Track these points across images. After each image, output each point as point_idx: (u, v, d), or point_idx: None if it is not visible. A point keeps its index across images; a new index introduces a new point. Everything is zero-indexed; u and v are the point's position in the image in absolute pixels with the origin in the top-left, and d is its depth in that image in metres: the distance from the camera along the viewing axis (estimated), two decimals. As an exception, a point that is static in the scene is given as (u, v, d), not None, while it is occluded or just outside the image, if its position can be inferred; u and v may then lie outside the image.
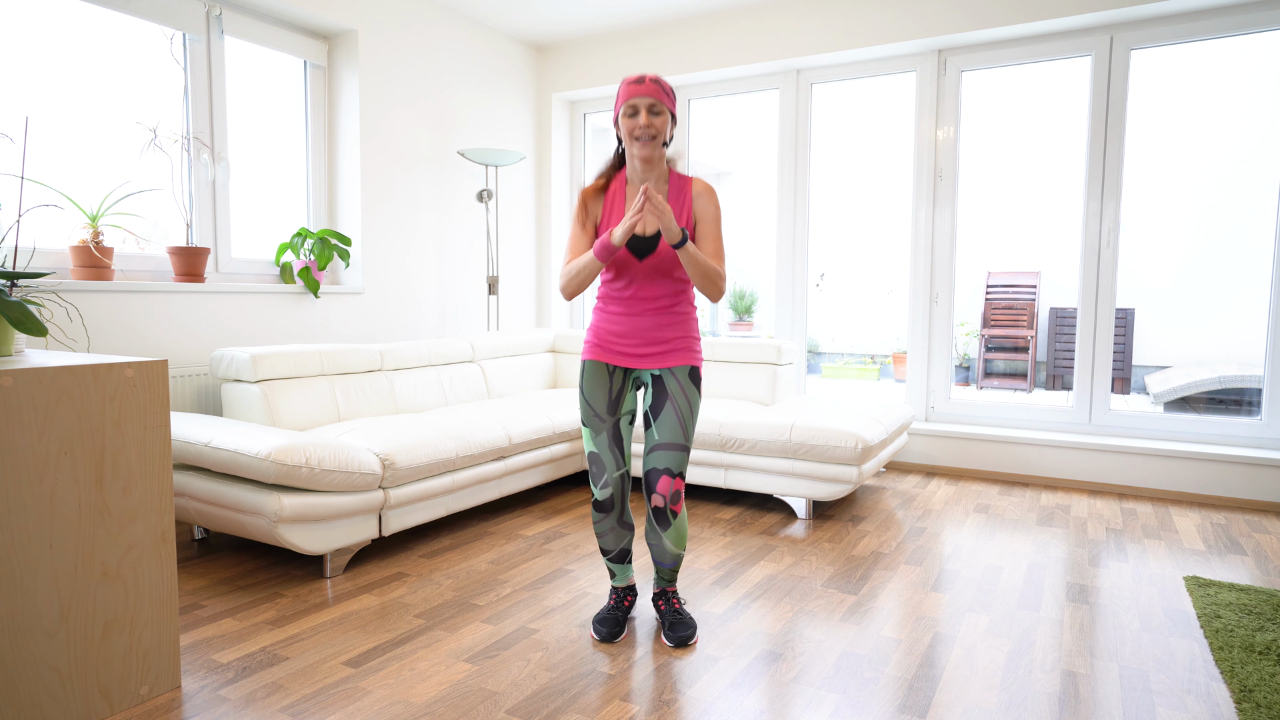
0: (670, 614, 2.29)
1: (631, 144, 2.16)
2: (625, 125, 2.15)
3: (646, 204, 1.99)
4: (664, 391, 2.23)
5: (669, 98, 2.16)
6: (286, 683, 1.98)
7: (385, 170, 4.20)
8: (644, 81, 2.13)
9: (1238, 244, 7.07)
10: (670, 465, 2.18)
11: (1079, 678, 2.04)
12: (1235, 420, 3.88)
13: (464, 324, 4.78)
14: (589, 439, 2.24)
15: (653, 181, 2.23)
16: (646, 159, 2.16)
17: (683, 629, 2.23)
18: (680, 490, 2.19)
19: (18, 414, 1.64)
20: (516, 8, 4.56)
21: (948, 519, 3.45)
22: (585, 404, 2.24)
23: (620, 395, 2.25)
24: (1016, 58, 4.13)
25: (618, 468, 2.22)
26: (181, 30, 3.42)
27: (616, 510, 2.25)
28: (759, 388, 4.12)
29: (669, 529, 2.21)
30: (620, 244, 2.05)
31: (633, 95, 2.13)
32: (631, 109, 2.14)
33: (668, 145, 2.23)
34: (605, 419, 2.23)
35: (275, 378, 3.16)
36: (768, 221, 9.85)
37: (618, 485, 2.23)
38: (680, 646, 2.21)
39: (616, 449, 2.23)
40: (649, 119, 2.12)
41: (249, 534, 2.62)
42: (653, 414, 2.24)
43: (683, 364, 2.24)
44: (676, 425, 2.20)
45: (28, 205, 2.92)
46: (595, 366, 2.25)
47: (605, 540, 2.29)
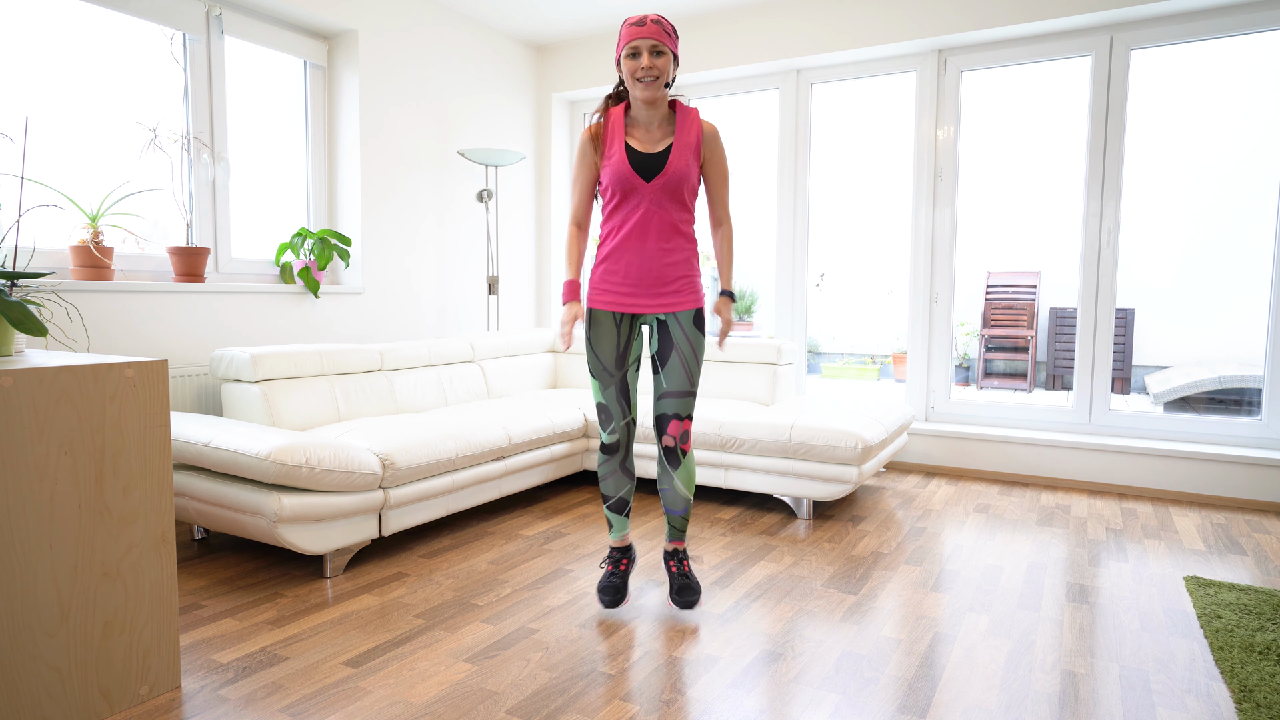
0: (679, 577, 2.40)
1: (634, 85, 2.16)
2: (627, 67, 2.16)
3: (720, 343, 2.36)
4: (669, 340, 2.29)
5: (671, 38, 2.16)
6: (286, 683, 1.98)
7: (385, 170, 4.20)
8: (645, 23, 2.13)
9: (1238, 244, 7.07)
10: (678, 410, 2.30)
11: (1079, 678, 2.04)
12: (1235, 420, 3.88)
13: (464, 324, 4.78)
14: (597, 390, 2.34)
15: (657, 121, 2.27)
16: (649, 100, 2.18)
17: (689, 593, 2.34)
18: (688, 430, 2.32)
19: (18, 414, 1.64)
20: (516, 8, 4.56)
21: (948, 519, 3.45)
22: (593, 356, 2.30)
23: (628, 345, 2.32)
24: (1016, 58, 4.13)
25: (624, 416, 2.34)
26: (181, 30, 3.42)
27: (621, 453, 2.37)
28: (759, 388, 4.12)
29: (679, 468, 2.33)
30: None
31: (634, 37, 2.13)
32: (633, 50, 2.14)
33: (670, 85, 2.23)
34: (613, 373, 2.31)
35: (275, 378, 3.16)
36: (768, 221, 9.85)
37: (624, 432, 2.36)
38: (686, 608, 2.34)
39: (624, 400, 2.34)
40: (651, 60, 2.13)
41: (249, 534, 2.62)
42: (659, 361, 2.32)
43: (688, 307, 2.30)
44: (682, 374, 2.29)
45: (28, 205, 2.92)
46: (602, 317, 2.30)
47: (607, 484, 2.41)
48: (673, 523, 2.45)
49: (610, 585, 2.40)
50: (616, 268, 2.28)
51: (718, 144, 2.29)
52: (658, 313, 2.29)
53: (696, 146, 2.24)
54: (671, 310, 2.28)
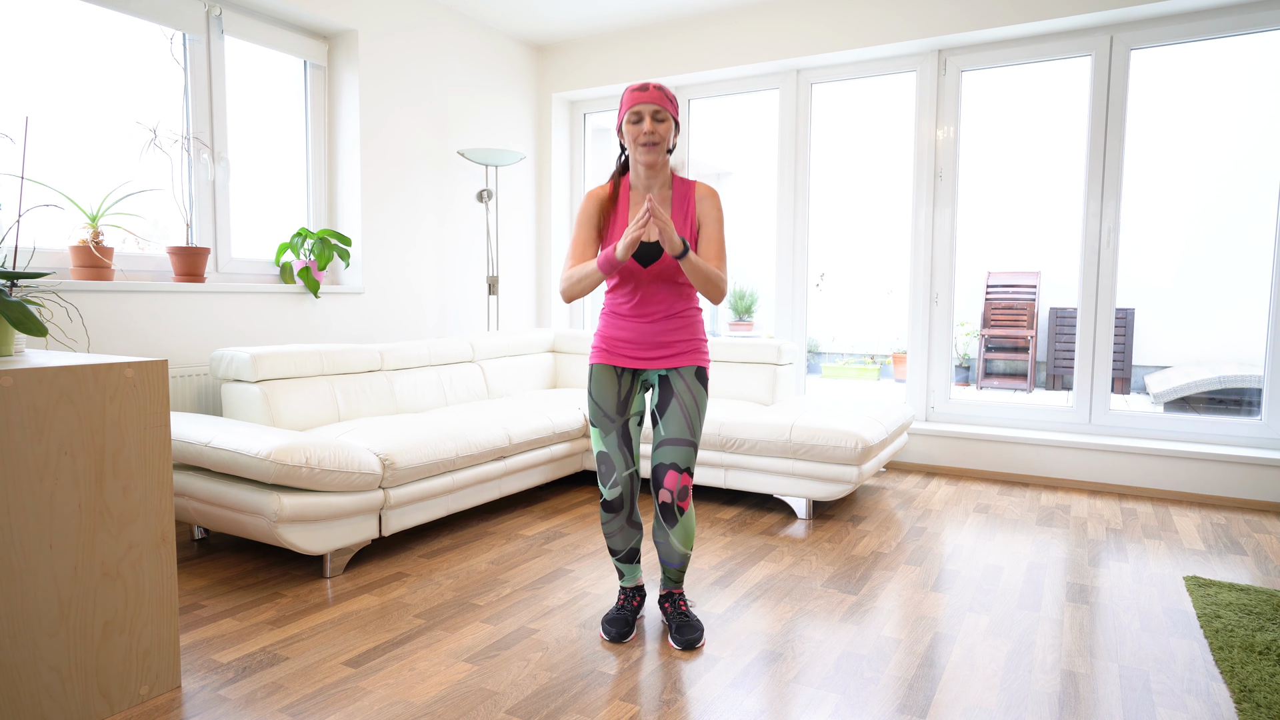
0: (677, 616, 2.29)
1: (636, 150, 2.18)
2: (629, 132, 2.17)
3: (650, 216, 1.99)
4: (670, 389, 2.24)
5: (672, 104, 2.18)
6: (286, 683, 1.98)
7: (385, 170, 4.20)
8: (648, 89, 2.15)
9: (1238, 244, 7.07)
10: (677, 460, 2.19)
11: (1079, 678, 2.04)
12: (1235, 420, 3.88)
13: (464, 324, 4.78)
14: (598, 439, 2.25)
15: (657, 188, 2.25)
16: (650, 165, 2.18)
17: (690, 631, 2.23)
18: (688, 487, 2.20)
19: (18, 414, 1.64)
20: (516, 8, 4.56)
21: (948, 519, 3.45)
22: (594, 405, 2.25)
23: (629, 396, 2.27)
24: (1016, 58, 4.13)
25: (627, 467, 2.24)
26: (181, 30, 3.42)
27: (625, 510, 2.26)
28: (759, 388, 4.12)
29: (676, 526, 2.22)
30: (624, 258, 2.05)
31: (637, 102, 2.15)
32: (635, 115, 2.15)
33: (671, 152, 2.24)
34: (615, 419, 2.24)
35: (275, 378, 3.16)
36: (768, 221, 9.85)
37: (627, 485, 2.24)
38: (688, 649, 2.20)
39: (625, 449, 2.24)
40: (653, 125, 2.14)
41: (249, 534, 2.62)
42: (659, 411, 2.25)
43: (690, 364, 2.25)
44: (683, 421, 2.21)
45: (28, 205, 2.92)
46: (603, 370, 2.27)
47: (614, 541, 2.31)
48: (668, 574, 2.34)
49: (620, 618, 2.31)
50: (618, 336, 2.26)
51: (710, 201, 2.24)
52: (660, 368, 2.26)
53: (692, 220, 2.23)
54: (674, 366, 2.25)
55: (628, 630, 2.28)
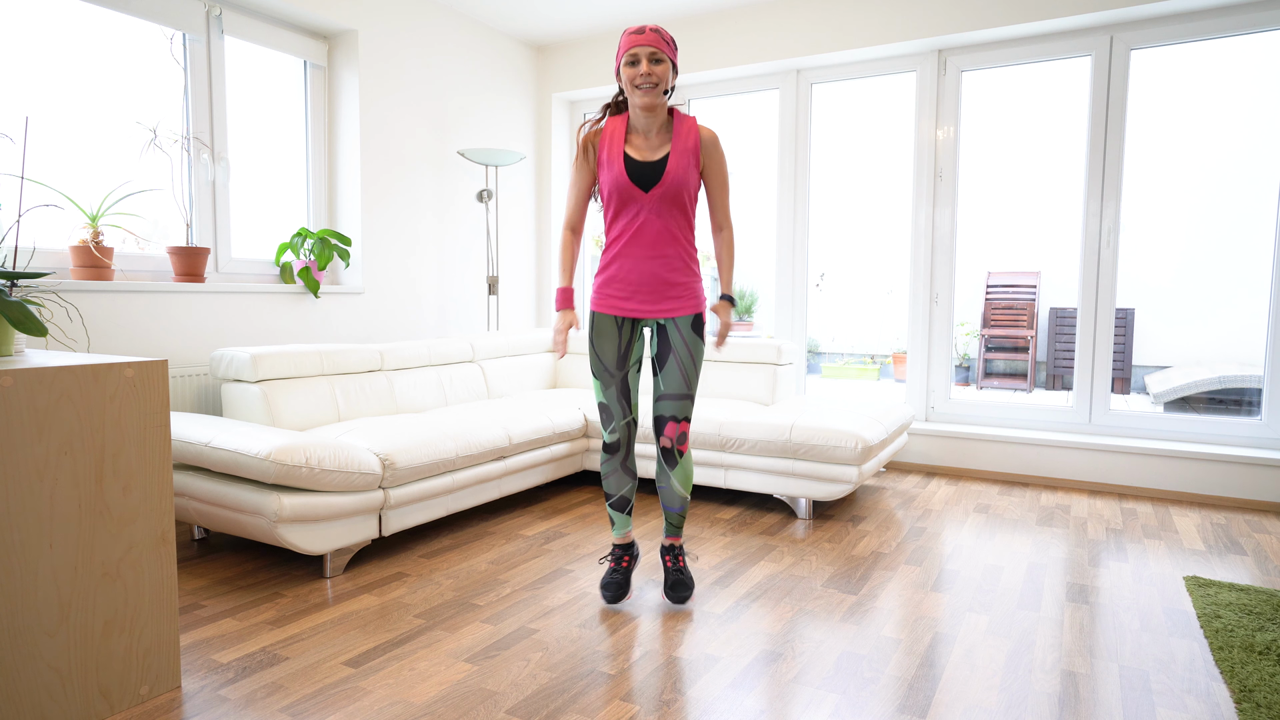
0: (674, 572, 2.45)
1: (633, 92, 2.21)
2: (626, 74, 2.21)
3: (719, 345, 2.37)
4: (668, 343, 2.34)
5: (670, 47, 2.22)
6: (286, 683, 1.98)
7: (385, 170, 4.20)
8: (644, 31, 2.20)
9: (1238, 244, 7.07)
10: (676, 412, 2.34)
11: (1079, 678, 2.04)
12: (1235, 420, 3.88)
13: (464, 324, 4.78)
14: (599, 390, 2.38)
15: (655, 129, 2.29)
16: (648, 107, 2.22)
17: (683, 589, 2.40)
18: (685, 432, 2.37)
19: (18, 414, 1.64)
20: (516, 8, 4.56)
21: (948, 519, 3.45)
22: (595, 357, 2.36)
23: (629, 347, 2.37)
24: (1016, 58, 4.13)
25: (624, 416, 2.39)
26: (181, 30, 3.42)
27: (622, 452, 2.41)
28: (759, 388, 4.12)
29: (676, 468, 2.38)
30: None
31: (634, 45, 2.18)
32: (632, 58, 2.19)
33: (669, 94, 2.26)
34: (614, 373, 2.36)
35: (275, 378, 3.16)
36: (768, 221, 9.85)
37: (624, 431, 2.40)
38: (679, 603, 2.40)
39: (624, 400, 2.38)
40: (650, 67, 2.17)
41: (249, 534, 2.62)
42: (658, 364, 2.36)
43: (687, 313, 2.34)
44: (680, 377, 2.33)
45: (28, 205, 2.92)
46: (604, 320, 2.35)
47: (609, 483, 2.45)
48: (670, 519, 2.49)
49: (613, 581, 2.45)
50: (618, 275, 2.33)
51: (716, 149, 2.31)
52: (657, 318, 2.34)
53: (695, 153, 2.28)
54: (671, 315, 2.33)
55: (623, 592, 2.42)
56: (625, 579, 2.47)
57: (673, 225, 2.28)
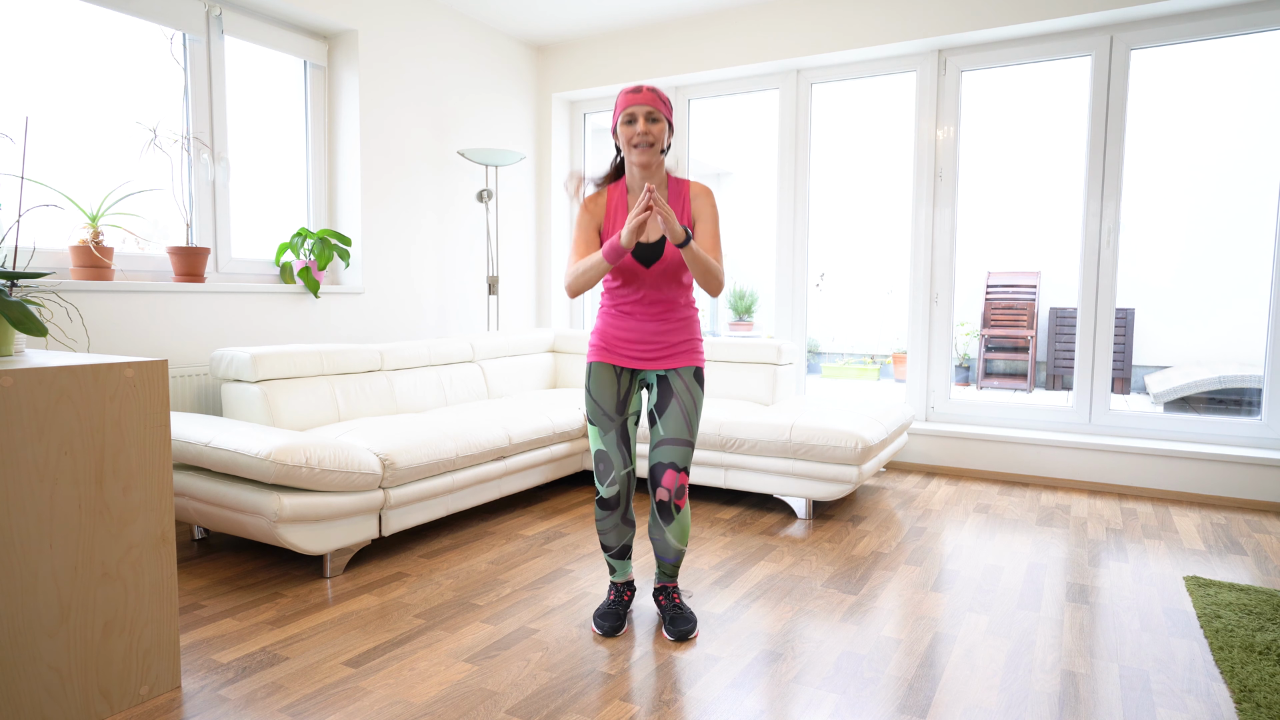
0: (671, 609, 2.33)
1: (630, 151, 2.20)
2: (624, 133, 2.20)
3: (651, 204, 2.00)
4: (669, 390, 2.28)
5: (666, 106, 2.22)
6: (286, 683, 1.98)
7: (385, 170, 4.20)
8: (641, 90, 2.19)
9: (1238, 244, 7.07)
10: (675, 460, 2.23)
11: (1079, 678, 2.04)
12: (1235, 420, 3.88)
13: (464, 324, 4.78)
14: (596, 437, 2.28)
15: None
16: (645, 165, 2.21)
17: (683, 623, 2.26)
18: (684, 485, 2.25)
19: (18, 414, 1.64)
20: (516, 8, 4.56)
21: (948, 519, 3.45)
22: (593, 403, 2.28)
23: (628, 395, 2.31)
24: (1016, 58, 4.13)
25: (624, 466, 2.27)
26: (181, 30, 3.42)
27: (621, 508, 2.30)
28: (759, 388, 4.12)
29: (672, 523, 2.26)
30: (628, 244, 2.06)
31: (630, 104, 2.18)
32: (629, 117, 2.18)
33: (665, 153, 2.26)
34: (614, 418, 2.28)
35: (275, 378, 3.16)
36: (768, 221, 9.85)
37: (624, 483, 2.28)
38: (681, 640, 2.24)
39: (624, 447, 2.28)
40: (647, 126, 2.17)
41: (249, 534, 2.62)
42: (658, 411, 2.29)
43: (688, 365, 2.29)
44: (681, 421, 2.25)
45: (28, 205, 2.92)
46: (602, 368, 2.30)
47: (607, 537, 2.34)
48: (663, 569, 2.38)
49: (612, 612, 2.34)
50: (618, 334, 2.28)
51: (705, 200, 2.26)
52: (658, 369, 2.29)
53: (687, 217, 2.25)
54: (672, 367, 2.28)
55: (619, 625, 2.31)
56: (624, 612, 2.37)
57: (672, 295, 2.28)
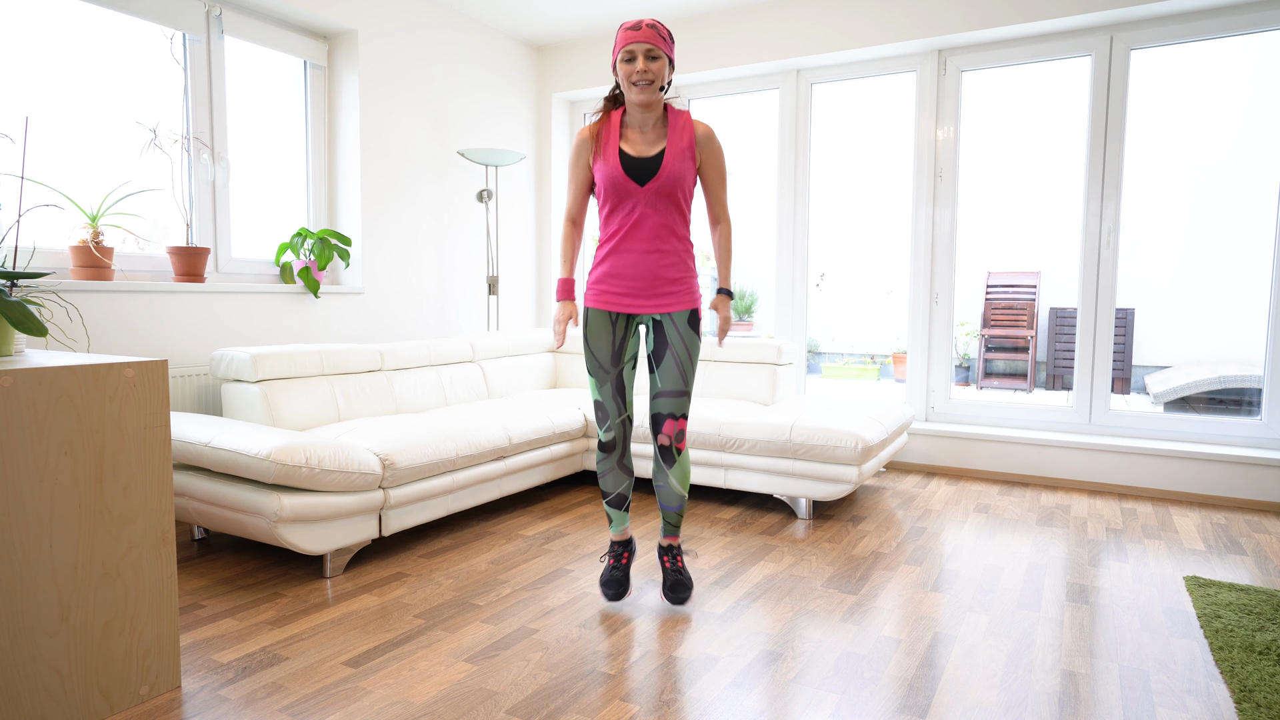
0: (672, 573, 2.45)
1: (630, 89, 2.19)
2: (623, 71, 2.19)
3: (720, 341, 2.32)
4: (664, 339, 2.33)
5: (667, 43, 2.20)
6: (286, 683, 1.98)
7: (385, 170, 4.20)
8: (641, 27, 2.17)
9: (1238, 244, 7.07)
10: (673, 410, 2.33)
11: (1079, 678, 2.04)
12: (1235, 420, 3.88)
13: (464, 324, 4.78)
14: (594, 387, 2.37)
15: (651, 124, 2.29)
16: (644, 104, 2.21)
17: (681, 589, 2.40)
18: (683, 429, 2.36)
19: (18, 414, 1.64)
20: (516, 8, 4.56)
21: (948, 519, 3.45)
22: (590, 354, 2.35)
23: (624, 343, 2.36)
24: (1016, 58, 4.13)
25: (620, 414, 2.37)
26: (181, 30, 3.42)
27: (618, 451, 2.40)
28: (759, 388, 4.12)
29: (674, 466, 2.36)
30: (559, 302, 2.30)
31: (630, 41, 2.16)
32: (629, 54, 2.17)
33: (665, 90, 2.25)
34: (609, 370, 2.34)
35: (275, 378, 3.16)
36: (768, 221, 9.85)
37: (620, 429, 2.39)
38: (678, 604, 2.39)
39: (620, 397, 2.37)
40: (646, 64, 2.15)
41: (249, 534, 2.62)
42: (655, 360, 2.35)
43: (683, 308, 2.33)
44: (677, 373, 2.32)
45: (28, 205, 2.92)
46: (599, 316, 2.34)
47: (606, 481, 2.44)
48: (667, 518, 2.48)
49: (613, 579, 2.45)
50: (613, 270, 2.31)
51: (713, 144, 2.30)
52: (653, 313, 2.32)
53: (690, 149, 2.26)
54: (667, 311, 2.31)
55: (623, 589, 2.43)
56: (625, 575, 2.47)
57: (669, 221, 2.27)
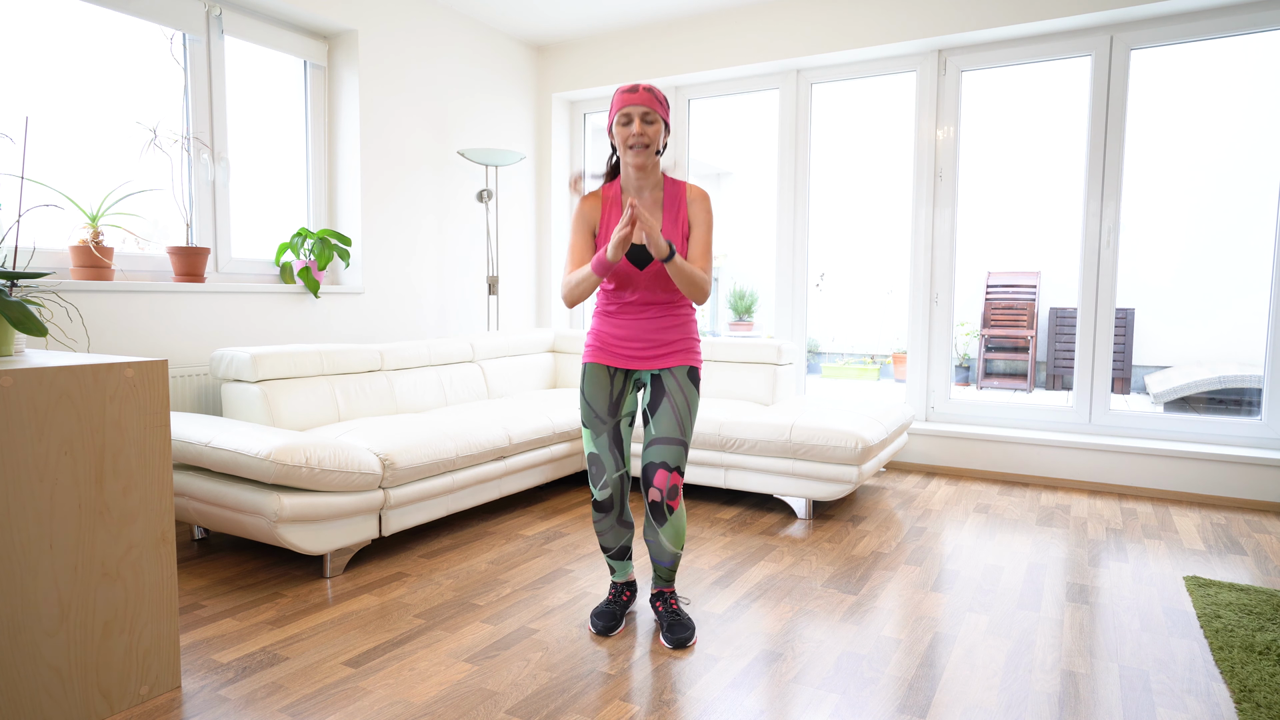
0: (668, 615, 2.30)
1: (625, 152, 2.17)
2: (619, 134, 2.17)
3: (634, 220, 2.00)
4: (662, 389, 2.26)
5: (663, 106, 2.17)
6: (286, 683, 1.98)
7: (385, 170, 4.20)
8: (637, 90, 2.14)
9: (1238, 244, 7.07)
10: (667, 459, 2.21)
11: (1079, 678, 2.04)
12: (1235, 420, 3.88)
13: (464, 324, 4.78)
14: (589, 440, 2.27)
15: (648, 190, 2.25)
16: (640, 167, 2.18)
17: (681, 630, 2.23)
18: (678, 486, 2.22)
19: (18, 414, 1.64)
20: (516, 8, 4.56)
21: (948, 519, 3.45)
22: (586, 405, 2.27)
23: (621, 397, 2.29)
24: (1016, 58, 4.13)
25: (617, 469, 2.26)
26: (181, 30, 3.42)
27: (616, 510, 2.28)
28: (759, 388, 4.12)
29: (665, 525, 2.23)
30: (615, 259, 2.06)
31: (626, 104, 2.14)
32: (625, 117, 2.15)
33: (661, 153, 2.24)
34: (606, 421, 2.26)
35: (275, 378, 3.16)
36: (768, 221, 9.85)
37: (617, 486, 2.27)
38: (679, 648, 2.21)
39: (616, 450, 2.26)
40: (642, 127, 2.14)
41: (249, 534, 2.62)
42: (651, 410, 2.27)
43: (682, 364, 2.27)
44: (674, 421, 2.23)
45: (28, 205, 2.92)
46: (596, 369, 2.28)
47: (605, 539, 2.33)
48: (659, 573, 2.34)
49: (608, 611, 2.33)
50: (612, 330, 2.27)
51: (701, 205, 2.25)
52: (652, 369, 2.27)
53: (684, 222, 2.24)
54: (666, 366, 2.26)
55: (615, 624, 2.31)
56: (621, 612, 2.36)
57: (667, 298, 2.26)
